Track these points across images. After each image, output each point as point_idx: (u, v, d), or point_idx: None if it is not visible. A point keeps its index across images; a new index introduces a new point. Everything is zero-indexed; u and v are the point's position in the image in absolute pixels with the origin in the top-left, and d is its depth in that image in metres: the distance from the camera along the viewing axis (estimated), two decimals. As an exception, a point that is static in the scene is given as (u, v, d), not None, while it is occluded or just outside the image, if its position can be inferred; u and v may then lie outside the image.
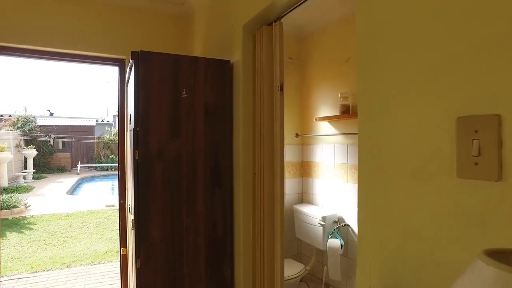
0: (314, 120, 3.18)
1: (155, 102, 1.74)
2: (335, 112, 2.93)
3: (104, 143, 20.96)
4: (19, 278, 4.39)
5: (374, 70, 0.96)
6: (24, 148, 15.25)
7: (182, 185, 1.80)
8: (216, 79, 1.90)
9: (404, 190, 0.86)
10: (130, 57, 2.82)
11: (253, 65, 1.86)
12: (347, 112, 2.72)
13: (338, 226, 2.85)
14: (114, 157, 20.14)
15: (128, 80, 2.26)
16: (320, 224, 2.88)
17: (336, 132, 2.99)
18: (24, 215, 8.10)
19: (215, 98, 1.89)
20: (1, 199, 8.28)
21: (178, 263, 1.81)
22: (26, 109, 19.79)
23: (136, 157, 1.71)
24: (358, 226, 1.01)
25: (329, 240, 2.81)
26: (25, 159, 15.15)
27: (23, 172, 13.91)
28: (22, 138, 16.98)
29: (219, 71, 1.91)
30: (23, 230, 6.95)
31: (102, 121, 25.46)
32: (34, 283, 4.27)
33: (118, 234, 2.99)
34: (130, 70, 1.98)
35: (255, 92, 1.85)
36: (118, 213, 2.94)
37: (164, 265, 1.79)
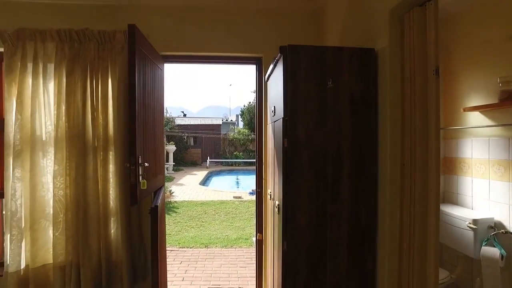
0: (461, 110, 2.83)
1: (302, 93, 1.83)
2: (491, 100, 2.54)
3: (228, 140, 22.94)
4: (171, 251, 5.20)
5: None
6: (166, 144, 17.84)
7: (327, 173, 1.84)
8: (360, 68, 1.88)
9: None
10: (264, 55, 3.07)
11: (401, 51, 1.77)
12: (510, 99, 2.33)
13: (496, 233, 2.47)
14: (237, 153, 21.86)
15: (269, 75, 2.43)
16: (471, 228, 2.54)
17: (492, 123, 2.60)
18: (169, 200, 9.51)
19: (359, 87, 1.87)
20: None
21: (322, 249, 1.86)
22: (167, 111, 23.16)
23: (285, 145, 1.84)
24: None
25: (483, 247, 2.46)
26: (167, 153, 17.73)
27: (166, 164, 16.35)
28: (165, 135, 19.97)
29: (364, 60, 1.89)
30: (169, 213, 8.17)
31: (226, 120, 27.80)
32: (182, 256, 4.98)
33: (255, 220, 3.24)
34: (275, 65, 2.12)
35: (403, 80, 1.75)
36: (255, 201, 3.19)
37: (308, 249, 1.86)
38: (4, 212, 2.81)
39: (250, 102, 24.21)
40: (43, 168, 2.76)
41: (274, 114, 2.20)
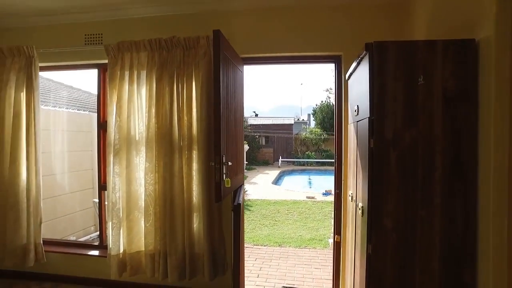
0: None
1: (390, 91, 1.74)
2: None
3: (300, 140, 22.82)
4: (246, 247, 5.35)
5: None
6: (240, 144, 18.36)
7: (417, 175, 1.72)
8: (457, 62, 1.71)
9: None
10: (343, 53, 2.98)
11: None
12: None
13: None
14: (310, 153, 21.63)
15: (351, 73, 2.35)
16: None
17: None
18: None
19: (455, 83, 1.70)
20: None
21: (409, 255, 1.75)
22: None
23: (371, 145, 1.76)
24: None
25: None
26: (241, 153, 18.24)
27: (240, 163, 16.80)
28: (239, 135, 20.56)
29: (460, 53, 1.71)
30: (244, 211, 8.43)
31: (298, 119, 27.68)
32: (257, 253, 5.09)
33: (332, 222, 3.17)
34: (359, 63, 2.05)
35: (513, 72, 1.54)
36: (333, 202, 3.13)
37: (395, 254, 1.76)
38: (106, 203, 3.20)
39: (322, 101, 23.76)
40: (136, 165, 3.06)
41: (358, 114, 2.12)
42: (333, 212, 3.18)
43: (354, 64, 2.18)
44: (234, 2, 3.07)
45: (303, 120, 28.19)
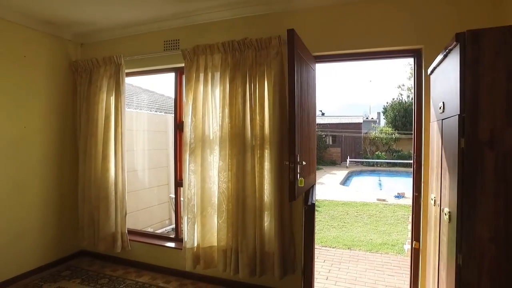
0: None
1: (487, 85, 1.55)
2: None
3: (370, 139, 21.81)
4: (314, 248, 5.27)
5: None
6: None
7: (520, 180, 1.51)
8: None
9: None
10: (424, 46, 2.74)
11: None
12: None
13: None
14: (380, 153, 20.56)
15: (435, 67, 2.16)
16: None
17: None
18: (310, 198, 9.68)
19: None
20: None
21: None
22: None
23: (462, 146, 1.60)
24: None
25: None
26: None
27: (306, 163, 16.64)
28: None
29: None
30: (310, 210, 8.31)
31: (367, 118, 26.50)
32: (325, 255, 4.98)
33: (410, 227, 2.96)
34: (446, 55, 1.87)
35: None
36: (411, 205, 2.92)
37: (491, 268, 1.57)
38: (182, 199, 3.39)
39: (393, 99, 22.41)
40: (210, 164, 3.20)
41: (443, 111, 1.94)
42: (410, 217, 2.96)
43: (439, 57, 2.00)
44: (305, 1, 3.03)
45: (372, 118, 26.90)
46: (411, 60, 2.98)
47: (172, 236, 4.02)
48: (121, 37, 3.90)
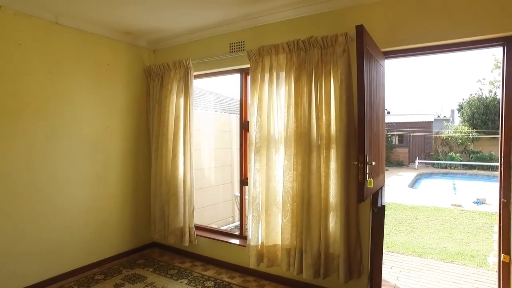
0: None
1: None
2: None
3: (442, 139, 20.13)
4: (381, 254, 5.02)
5: None
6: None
7: None
8: None
9: None
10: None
11: None
12: None
13: None
14: (453, 154, 18.88)
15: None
16: None
17: None
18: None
19: None
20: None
21: None
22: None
23: None
24: None
25: None
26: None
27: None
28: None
29: None
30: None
31: (438, 116, 24.54)
32: (392, 261, 4.71)
33: (497, 237, 2.66)
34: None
35: None
36: (498, 213, 2.62)
37: None
38: (247, 197, 3.47)
39: (471, 94, 20.38)
40: (275, 163, 3.22)
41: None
42: (496, 226, 2.66)
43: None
44: (372, -6, 2.89)
45: (445, 116, 24.81)
46: (497, 50, 2.67)
47: (237, 233, 4.13)
48: (189, 42, 4.11)
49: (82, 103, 3.69)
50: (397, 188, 11.74)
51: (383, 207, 2.26)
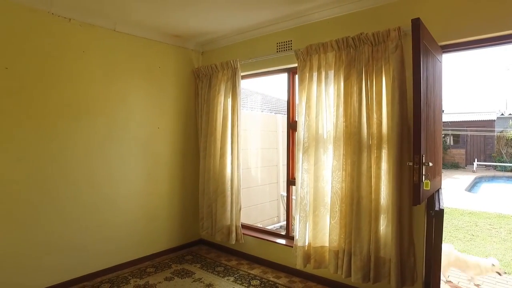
0: None
1: None
2: None
3: (506, 139, 18.46)
4: (436, 261, 4.72)
5: None
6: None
7: None
8: None
9: None
10: None
11: None
12: None
13: None
14: (519, 156, 17.26)
15: None
16: None
17: None
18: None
19: None
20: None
21: None
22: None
23: None
24: None
25: None
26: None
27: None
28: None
29: None
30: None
31: (502, 114, 22.51)
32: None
33: None
34: None
35: None
36: None
37: None
38: (294, 197, 3.44)
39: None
40: (324, 163, 3.16)
41: None
42: None
43: None
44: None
45: (509, 114, 22.70)
46: None
47: (283, 233, 4.12)
48: (236, 43, 4.18)
49: (135, 105, 3.91)
50: (453, 191, 10.97)
51: (441, 211, 2.13)
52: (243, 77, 4.19)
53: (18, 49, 3.01)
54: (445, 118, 21.21)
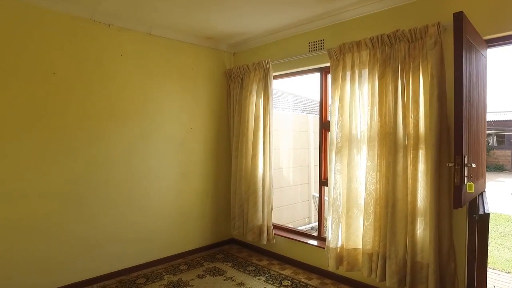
0: None
1: None
2: None
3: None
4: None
5: None
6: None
7: None
8: None
9: None
10: None
11: None
12: None
13: None
14: None
15: None
16: None
17: None
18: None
19: None
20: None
21: None
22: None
23: None
24: None
25: None
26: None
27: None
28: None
29: None
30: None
31: (552, 113, 20.88)
32: (494, 279, 4.18)
33: None
34: None
35: None
36: None
37: None
38: (327, 198, 3.40)
39: None
40: (357, 164, 3.09)
41: None
42: None
43: None
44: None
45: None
46: None
47: (315, 234, 4.07)
48: (268, 43, 4.19)
49: (170, 106, 4.02)
50: (497, 195, 10.33)
51: (487, 215, 2.00)
52: (275, 77, 4.19)
53: (64, 55, 3.20)
54: (488, 117, 19.98)
